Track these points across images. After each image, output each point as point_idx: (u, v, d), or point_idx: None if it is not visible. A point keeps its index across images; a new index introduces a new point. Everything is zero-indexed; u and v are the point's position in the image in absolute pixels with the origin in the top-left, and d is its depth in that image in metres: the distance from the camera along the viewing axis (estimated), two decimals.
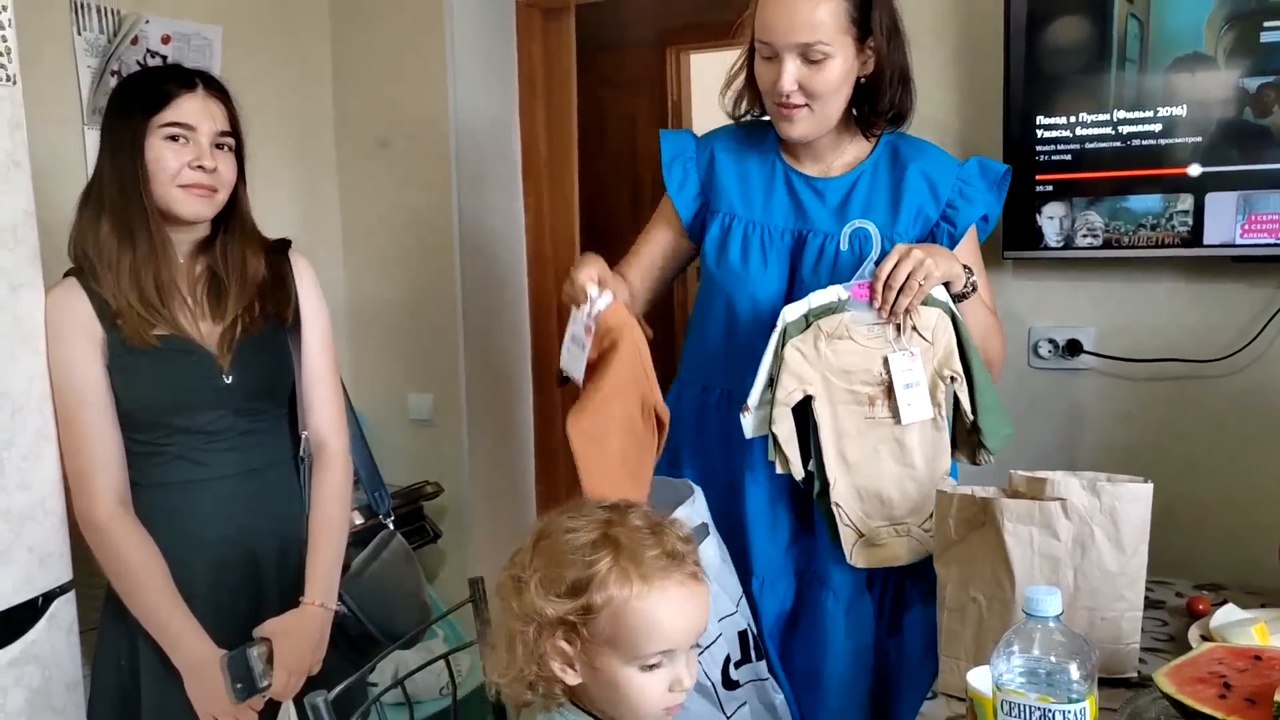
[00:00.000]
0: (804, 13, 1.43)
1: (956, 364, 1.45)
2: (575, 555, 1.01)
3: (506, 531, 2.88)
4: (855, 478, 1.47)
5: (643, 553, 1.01)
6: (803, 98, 1.48)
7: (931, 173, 1.56)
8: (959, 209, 1.55)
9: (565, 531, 1.04)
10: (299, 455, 1.57)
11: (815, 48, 1.44)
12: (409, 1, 2.61)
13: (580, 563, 1.00)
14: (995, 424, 1.49)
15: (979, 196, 1.56)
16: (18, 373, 1.39)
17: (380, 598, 1.60)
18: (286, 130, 2.58)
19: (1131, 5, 1.83)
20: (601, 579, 0.99)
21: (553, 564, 1.02)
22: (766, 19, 1.47)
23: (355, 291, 2.78)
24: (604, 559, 1.00)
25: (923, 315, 1.43)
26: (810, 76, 1.46)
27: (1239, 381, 1.92)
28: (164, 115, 1.43)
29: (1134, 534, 1.24)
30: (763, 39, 1.48)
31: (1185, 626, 1.41)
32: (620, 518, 1.05)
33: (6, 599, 1.38)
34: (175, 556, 1.46)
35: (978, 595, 1.27)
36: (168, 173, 1.44)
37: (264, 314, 1.54)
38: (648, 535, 1.02)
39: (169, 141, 1.44)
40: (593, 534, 1.02)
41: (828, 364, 1.45)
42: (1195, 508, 1.93)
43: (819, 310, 1.44)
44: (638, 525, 1.04)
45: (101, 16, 2.12)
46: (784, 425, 1.45)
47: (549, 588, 1.01)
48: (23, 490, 1.40)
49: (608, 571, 0.99)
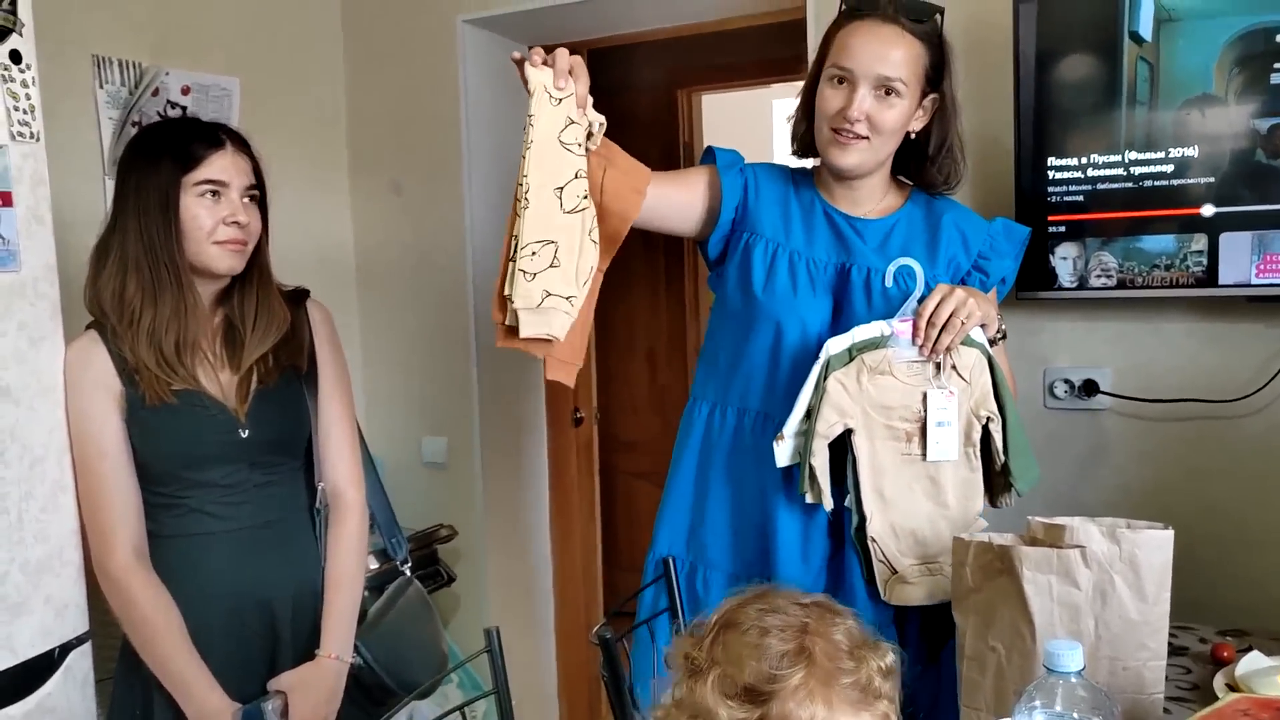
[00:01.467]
0: (891, 48, 1.49)
1: (992, 405, 1.48)
2: (763, 659, 0.92)
3: (521, 574, 2.87)
4: (891, 514, 1.48)
5: (838, 678, 0.91)
6: (866, 129, 1.51)
7: (964, 226, 1.61)
8: (990, 260, 1.60)
9: (756, 627, 0.94)
10: (315, 507, 1.58)
11: (893, 83, 1.49)
12: (422, 48, 2.66)
13: (765, 669, 0.91)
14: (1024, 466, 1.51)
15: (1006, 251, 1.62)
16: (37, 425, 1.41)
17: (396, 648, 1.59)
18: (302, 175, 2.61)
19: (1140, 48, 1.84)
20: (786, 694, 0.90)
21: (734, 661, 0.93)
22: (850, 45, 1.50)
23: (369, 334, 2.80)
24: (796, 674, 0.90)
25: (962, 355, 1.46)
26: (878, 110, 1.50)
27: (1258, 422, 1.90)
28: (198, 173, 1.45)
29: (1156, 581, 1.23)
30: (842, 64, 1.51)
31: (1210, 674, 1.39)
32: (821, 626, 0.95)
33: (24, 650, 1.38)
34: (191, 608, 1.46)
35: (997, 644, 1.26)
36: (204, 230, 1.46)
37: (279, 365, 1.55)
38: (847, 659, 0.92)
39: (203, 198, 1.46)
40: (789, 642, 0.93)
41: (869, 398, 1.46)
42: (1216, 549, 1.91)
43: (863, 344, 1.47)
44: (838, 641, 0.94)
45: (123, 69, 2.16)
46: (821, 457, 1.46)
47: (723, 687, 0.92)
48: (40, 542, 1.40)
49: (795, 688, 0.90)
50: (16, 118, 1.38)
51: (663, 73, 3.52)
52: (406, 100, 2.69)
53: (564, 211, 1.36)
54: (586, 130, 1.39)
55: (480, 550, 2.70)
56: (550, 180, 1.35)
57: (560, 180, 1.36)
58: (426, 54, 2.65)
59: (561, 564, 3.01)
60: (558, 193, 1.35)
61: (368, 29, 2.72)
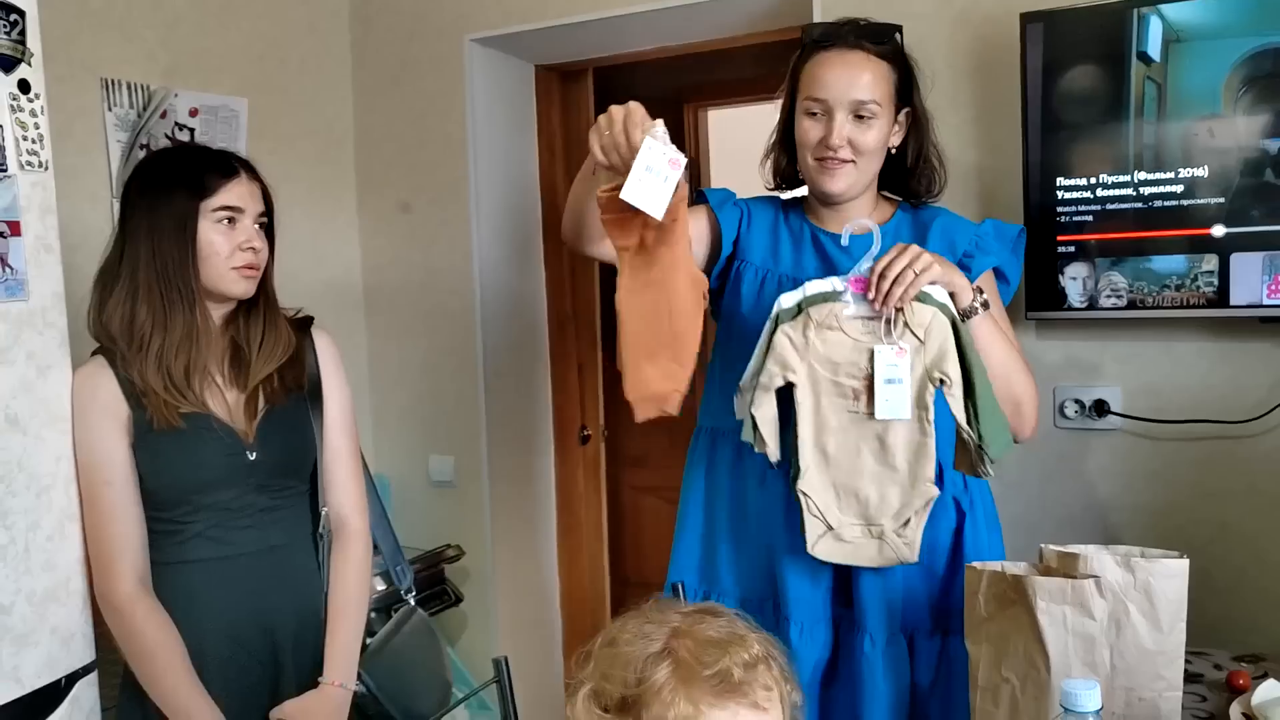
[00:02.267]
0: (860, 73, 1.52)
1: (950, 367, 1.41)
2: (629, 668, 0.90)
3: (529, 594, 2.86)
4: (833, 472, 1.46)
5: (699, 671, 0.89)
6: (850, 153, 1.54)
7: (950, 230, 1.61)
8: (975, 257, 1.58)
9: (628, 639, 0.93)
10: (318, 532, 1.57)
11: (868, 105, 1.52)
12: (429, 69, 2.66)
13: (632, 677, 0.89)
14: (996, 432, 1.43)
15: (993, 248, 1.60)
16: (44, 454, 1.40)
17: (400, 676, 1.58)
18: (310, 196, 2.62)
19: (1148, 68, 1.83)
20: (650, 697, 0.88)
21: (605, 675, 0.91)
22: (821, 76, 1.53)
23: (376, 354, 2.80)
24: (659, 674, 0.88)
25: (917, 312, 1.41)
26: (858, 134, 1.53)
27: (1269, 442, 1.89)
28: (215, 200, 1.47)
29: (1171, 611, 1.21)
30: (815, 96, 1.54)
31: (1225, 703, 1.37)
32: (692, 626, 0.93)
33: (30, 681, 1.37)
34: (193, 634, 1.46)
35: (1010, 676, 1.25)
36: (220, 256, 1.47)
37: (285, 387, 1.55)
38: (712, 650, 0.90)
39: (220, 225, 1.47)
40: (655, 644, 0.91)
41: (815, 353, 1.44)
42: (1229, 571, 1.89)
43: (813, 298, 1.45)
44: (708, 637, 0.92)
45: (131, 91, 2.17)
46: (765, 409, 1.45)
47: (597, 700, 0.91)
48: (47, 571, 1.40)
49: (659, 689, 0.88)
50: (25, 147, 1.38)
51: (669, 89, 3.53)
52: (414, 121, 2.69)
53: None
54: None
55: (488, 569, 2.69)
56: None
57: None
58: (434, 74, 2.65)
59: (569, 582, 3.00)
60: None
61: (375, 49, 2.73)
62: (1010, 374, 1.52)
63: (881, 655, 1.54)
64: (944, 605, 1.55)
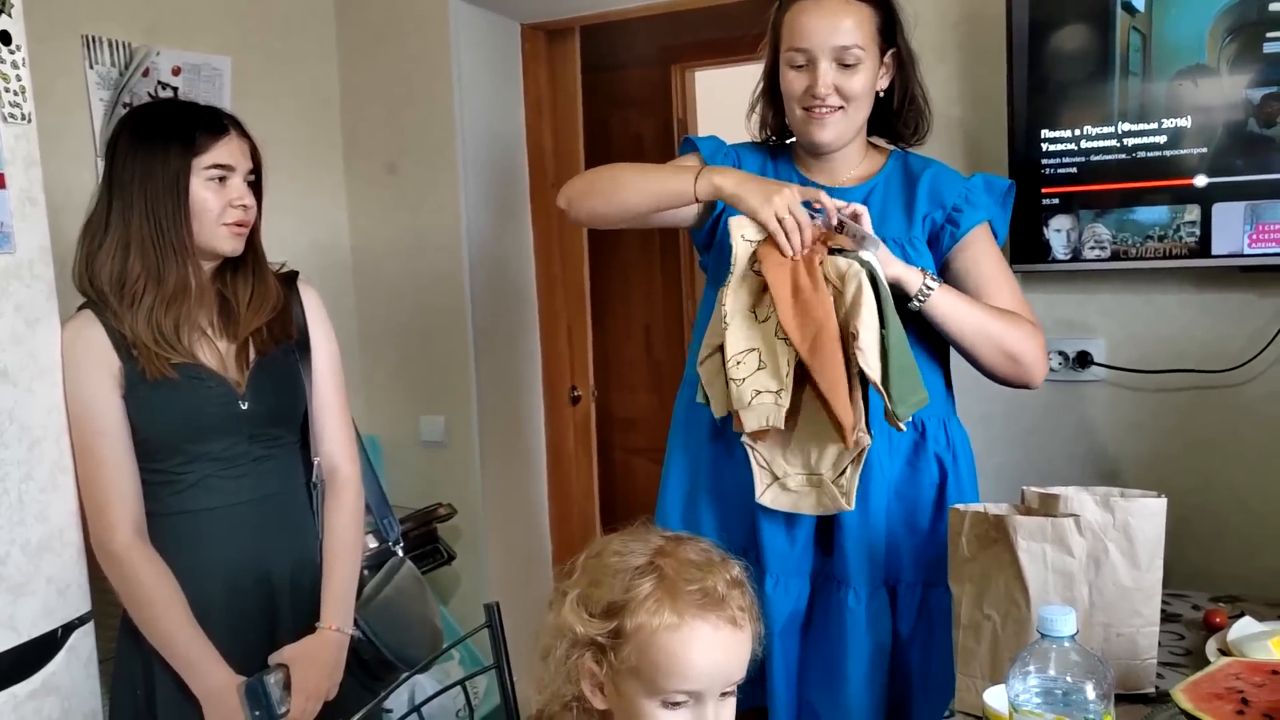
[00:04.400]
0: (840, 19, 1.51)
1: (860, 321, 1.41)
2: (617, 577, 0.99)
3: (520, 551, 2.88)
4: None
5: (683, 586, 0.97)
6: (837, 100, 1.53)
7: (940, 182, 1.60)
8: (963, 212, 1.58)
9: (615, 553, 1.01)
10: (311, 481, 1.59)
11: (851, 51, 1.51)
12: (414, 27, 2.64)
13: (619, 585, 0.98)
14: (906, 388, 1.44)
15: (982, 203, 1.60)
16: (35, 406, 1.41)
17: (394, 622, 1.61)
18: (295, 157, 2.60)
19: (1133, 18, 1.84)
20: (636, 604, 0.96)
21: (594, 582, 1.00)
22: (802, 26, 1.53)
23: (366, 315, 2.80)
24: (644, 585, 0.97)
25: (835, 264, 1.44)
26: (844, 80, 1.53)
27: (1252, 390, 1.91)
28: (207, 157, 1.47)
29: (1149, 549, 1.24)
30: (797, 46, 1.53)
31: (1202, 640, 1.40)
32: (674, 548, 1.02)
33: (26, 631, 1.39)
34: (191, 583, 1.47)
35: (992, 613, 1.27)
36: (212, 213, 1.48)
37: (274, 338, 1.56)
38: (695, 570, 0.99)
39: (210, 183, 1.48)
40: (641, 559, 1.00)
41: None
42: (1211, 518, 1.92)
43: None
44: (689, 559, 1.00)
45: (113, 49, 2.15)
46: (708, 365, 1.51)
47: (584, 605, 0.99)
48: (41, 522, 1.41)
49: (644, 598, 0.96)
50: (8, 99, 1.37)
51: (656, 49, 3.51)
52: (400, 80, 2.67)
53: (759, 322, 1.48)
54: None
55: (479, 528, 2.71)
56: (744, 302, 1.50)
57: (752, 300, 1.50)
58: (419, 33, 2.63)
59: (560, 541, 3.03)
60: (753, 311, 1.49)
61: (360, 8, 2.70)
62: (992, 334, 1.52)
63: (865, 609, 1.56)
64: (926, 557, 1.57)
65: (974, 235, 1.57)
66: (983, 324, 1.53)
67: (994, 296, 1.56)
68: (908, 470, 1.58)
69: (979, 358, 1.54)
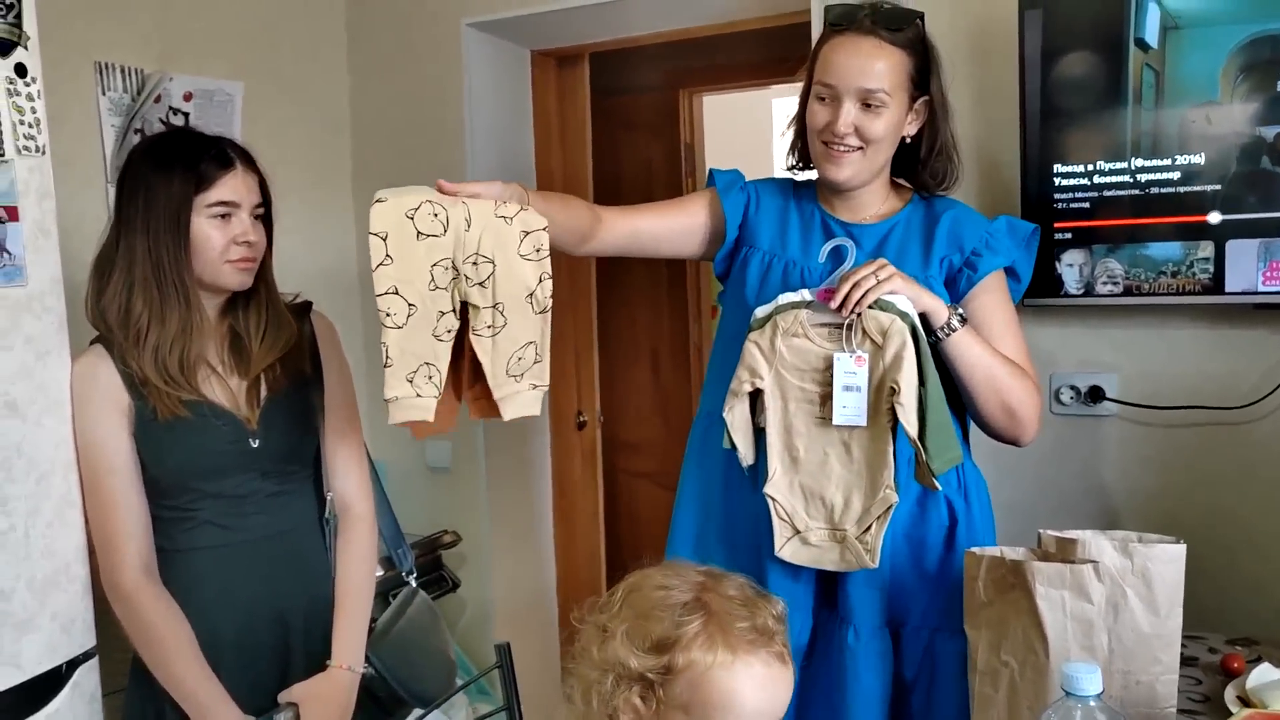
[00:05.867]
0: (871, 61, 1.50)
1: (902, 377, 1.42)
2: (665, 612, 0.98)
3: (526, 579, 2.87)
4: (800, 475, 1.50)
5: (733, 623, 0.97)
6: (856, 140, 1.53)
7: (961, 224, 1.59)
8: (982, 256, 1.57)
9: (658, 587, 1.01)
10: (324, 517, 1.57)
11: (876, 94, 1.50)
12: (426, 53, 2.65)
13: (670, 621, 0.97)
14: (942, 445, 1.45)
15: (1003, 248, 1.59)
16: (44, 439, 1.40)
17: (408, 658, 1.59)
18: (305, 181, 2.60)
19: (1146, 54, 1.83)
20: (688, 641, 0.96)
21: (641, 617, 0.99)
22: (833, 62, 1.52)
23: (372, 340, 2.77)
24: (694, 621, 0.97)
25: (877, 319, 1.44)
26: (865, 121, 1.51)
27: (1265, 428, 1.90)
28: (210, 194, 1.45)
29: (1168, 596, 1.23)
30: (826, 81, 1.52)
31: (1220, 686, 1.39)
32: (715, 584, 1.02)
33: (31, 667, 1.37)
34: (202, 620, 1.46)
35: (1009, 660, 1.26)
36: (215, 251, 1.46)
37: (286, 374, 1.54)
38: (740, 607, 0.99)
39: (214, 220, 1.46)
40: (686, 595, 1.00)
41: (782, 359, 1.49)
42: (1224, 556, 1.90)
43: (784, 308, 1.50)
44: (732, 595, 1.01)
45: (125, 76, 2.15)
46: (736, 413, 1.51)
47: (634, 640, 0.97)
48: (47, 557, 1.40)
49: (695, 634, 0.96)
50: (22, 131, 1.37)
51: (664, 74, 3.51)
52: (410, 106, 2.68)
53: (536, 314, 1.37)
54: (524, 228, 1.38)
55: (485, 555, 2.69)
56: (519, 291, 1.36)
57: (529, 288, 1.37)
58: (430, 59, 2.64)
59: (565, 567, 3.01)
60: (530, 299, 1.36)
61: (372, 34, 2.71)
62: (999, 385, 1.51)
63: (865, 648, 1.54)
64: (933, 603, 1.54)
65: (989, 283, 1.56)
66: (992, 371, 1.52)
67: (1001, 348, 1.55)
68: (916, 511, 1.56)
69: (979, 404, 1.53)
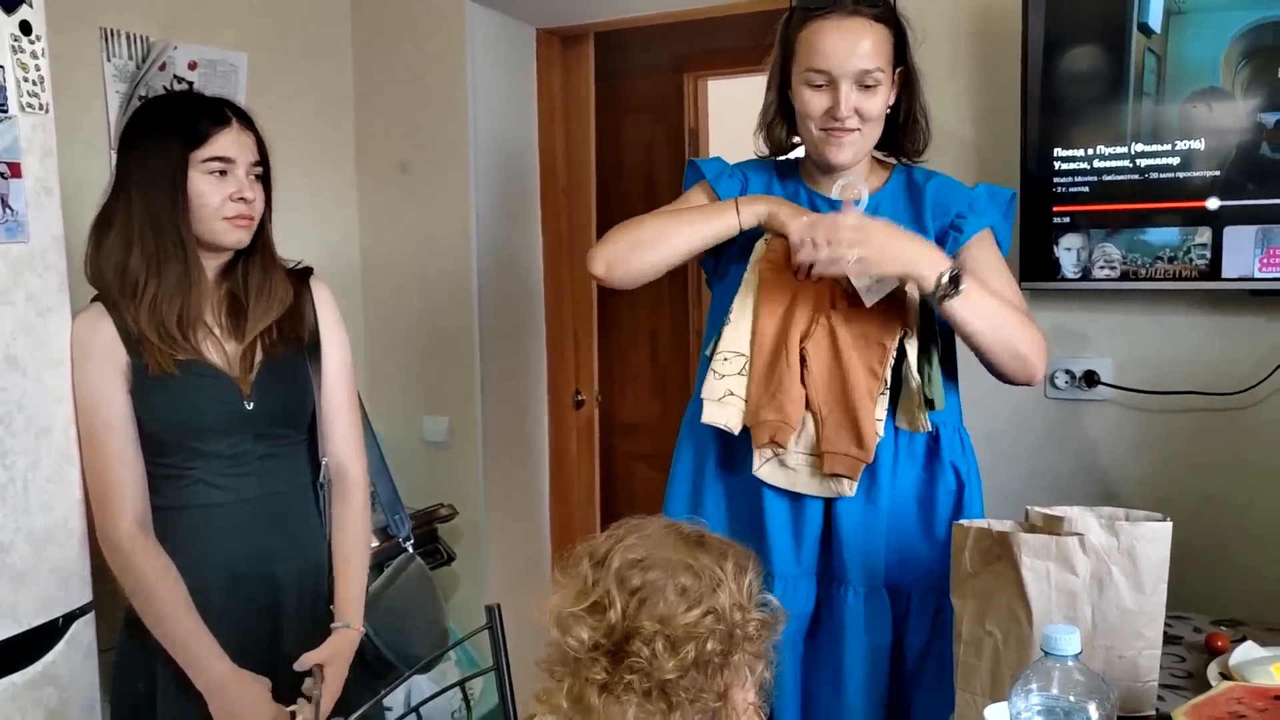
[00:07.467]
0: (862, 41, 1.50)
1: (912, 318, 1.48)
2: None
3: (520, 553, 2.88)
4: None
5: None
6: (857, 122, 1.53)
7: (944, 192, 1.61)
8: (966, 218, 1.58)
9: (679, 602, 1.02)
10: (318, 481, 1.59)
11: (871, 74, 1.51)
12: (430, 29, 2.65)
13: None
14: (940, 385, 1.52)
15: (985, 210, 1.60)
16: (44, 395, 1.41)
17: (398, 623, 1.61)
18: (308, 154, 2.61)
19: (1148, 40, 1.84)
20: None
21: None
22: (821, 46, 1.51)
23: (373, 314, 2.80)
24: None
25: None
26: (864, 102, 1.52)
27: (1258, 415, 1.91)
28: (205, 150, 1.46)
29: (1153, 573, 1.23)
30: (818, 67, 1.52)
31: (1204, 663, 1.40)
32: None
33: (28, 619, 1.39)
34: (195, 578, 1.48)
35: (994, 630, 1.27)
36: (210, 207, 1.47)
37: (284, 338, 1.56)
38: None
39: (210, 176, 1.47)
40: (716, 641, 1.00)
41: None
42: (1213, 541, 1.92)
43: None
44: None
45: (130, 43, 2.16)
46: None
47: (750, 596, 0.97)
48: (45, 511, 1.42)
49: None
50: (26, 89, 1.38)
51: (669, 57, 3.51)
52: (414, 81, 2.68)
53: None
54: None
55: (480, 530, 2.71)
56: (749, 306, 1.54)
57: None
58: (435, 34, 2.64)
59: (560, 544, 3.03)
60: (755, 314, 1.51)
61: (376, 7, 2.71)
62: (1007, 334, 1.49)
63: (865, 607, 1.56)
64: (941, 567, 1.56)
65: (976, 240, 1.57)
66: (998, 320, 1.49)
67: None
68: (924, 476, 1.58)
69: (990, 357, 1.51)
